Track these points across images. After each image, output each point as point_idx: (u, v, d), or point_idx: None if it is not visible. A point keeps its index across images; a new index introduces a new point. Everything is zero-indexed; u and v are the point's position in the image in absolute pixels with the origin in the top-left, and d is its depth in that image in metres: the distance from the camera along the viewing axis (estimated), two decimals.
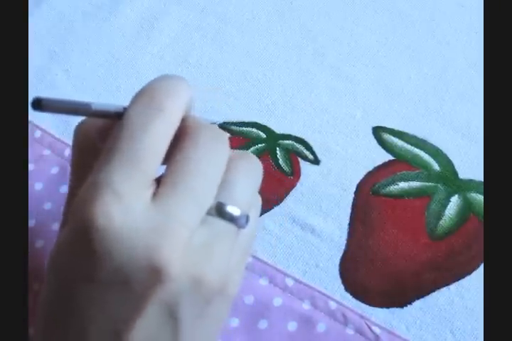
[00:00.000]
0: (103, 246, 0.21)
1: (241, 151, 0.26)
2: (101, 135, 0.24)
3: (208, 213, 0.23)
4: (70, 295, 0.22)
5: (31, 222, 0.35)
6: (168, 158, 0.23)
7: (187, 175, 0.22)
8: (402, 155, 0.37)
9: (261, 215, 0.31)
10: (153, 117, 0.22)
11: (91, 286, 0.21)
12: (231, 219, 0.23)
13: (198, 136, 0.23)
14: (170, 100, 0.23)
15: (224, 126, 0.38)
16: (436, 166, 0.37)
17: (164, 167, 0.23)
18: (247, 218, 0.24)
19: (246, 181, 0.25)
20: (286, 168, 0.37)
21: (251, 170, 0.25)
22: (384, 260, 0.34)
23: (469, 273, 0.34)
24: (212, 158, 0.23)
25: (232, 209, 0.23)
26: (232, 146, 0.25)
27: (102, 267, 0.21)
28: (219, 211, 0.23)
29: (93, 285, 0.21)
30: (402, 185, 0.36)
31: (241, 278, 0.25)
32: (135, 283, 0.21)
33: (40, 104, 0.21)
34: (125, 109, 0.23)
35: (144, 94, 0.23)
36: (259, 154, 0.37)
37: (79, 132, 0.26)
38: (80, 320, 0.22)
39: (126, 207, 0.21)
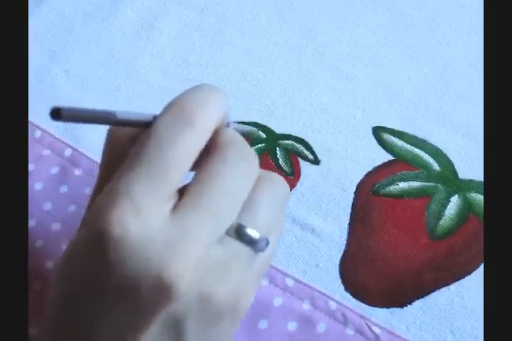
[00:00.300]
0: (116, 256, 0.21)
1: (269, 172, 0.25)
2: (133, 142, 0.24)
3: (227, 233, 0.22)
4: (79, 302, 0.22)
5: (31, 222, 0.35)
6: (195, 169, 0.23)
7: (211, 190, 0.22)
8: (402, 155, 0.37)
9: None
10: (182, 130, 0.22)
11: (101, 294, 0.21)
12: (249, 242, 0.23)
13: (227, 152, 0.23)
14: (201, 113, 0.22)
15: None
16: (436, 166, 0.37)
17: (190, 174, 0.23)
18: (267, 242, 0.24)
19: (270, 203, 0.24)
20: (286, 168, 0.37)
21: (277, 192, 0.25)
22: (384, 260, 0.34)
23: (469, 273, 0.34)
24: (239, 175, 0.23)
25: (252, 232, 0.23)
26: None
27: (113, 276, 0.21)
28: (238, 232, 0.23)
29: (103, 293, 0.21)
30: (402, 185, 0.36)
31: (252, 300, 0.25)
32: (144, 296, 0.21)
33: (59, 114, 0.20)
34: (155, 117, 0.23)
35: (176, 105, 0.22)
36: (259, 154, 0.37)
37: (111, 136, 0.25)
38: (88, 327, 0.22)
39: (143, 218, 0.21)
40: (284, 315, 0.33)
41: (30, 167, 0.37)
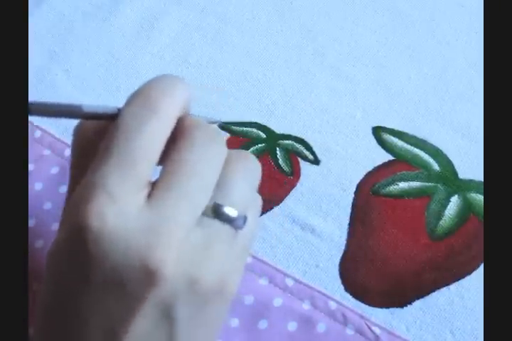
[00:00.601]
0: (97, 248, 0.21)
1: (238, 151, 0.26)
2: (99, 136, 0.24)
3: (205, 214, 0.23)
4: (66, 296, 0.22)
5: (31, 222, 0.35)
6: (164, 158, 0.23)
7: (182, 176, 0.22)
8: (402, 155, 0.37)
9: (261, 215, 0.31)
10: (148, 118, 0.22)
11: (87, 287, 0.21)
12: (228, 220, 0.23)
13: (193, 137, 0.23)
14: (165, 101, 0.23)
15: (224, 126, 0.38)
16: (436, 166, 0.37)
17: (160, 168, 0.23)
18: (245, 219, 0.24)
19: (243, 181, 0.24)
20: (286, 168, 0.37)
21: (248, 170, 0.25)
22: (384, 260, 0.34)
23: (469, 273, 0.34)
24: (208, 158, 0.23)
25: (229, 210, 0.23)
26: (232, 146, 0.25)
27: (97, 268, 0.21)
28: (215, 212, 0.23)
29: (89, 285, 0.21)
30: (402, 185, 0.36)
31: (240, 278, 0.25)
32: (130, 284, 0.21)
33: (29, 108, 0.21)
34: (119, 110, 0.23)
35: (139, 95, 0.23)
36: (259, 154, 0.37)
37: (77, 132, 0.26)
38: (77, 321, 0.22)
39: (120, 208, 0.21)
40: (284, 315, 0.33)
41: (30, 167, 0.37)
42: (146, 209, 0.21)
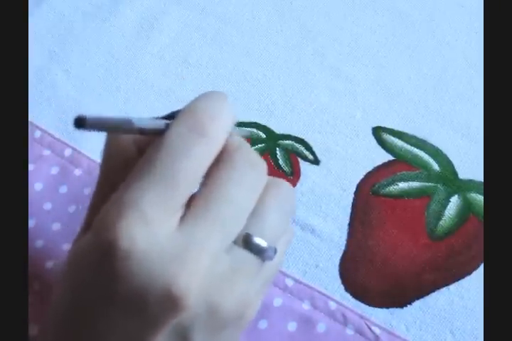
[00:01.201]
0: (124, 268, 0.20)
1: (275, 178, 0.25)
2: (138, 149, 0.24)
3: (235, 242, 0.22)
4: (85, 312, 0.22)
5: (31, 222, 0.35)
6: (203, 179, 0.23)
7: (218, 200, 0.22)
8: (402, 155, 0.37)
9: None
10: (196, 142, 0.22)
11: (109, 306, 0.21)
12: (257, 251, 0.23)
13: (234, 161, 0.23)
14: (214, 124, 0.22)
15: None
16: (436, 166, 0.37)
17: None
18: (275, 250, 0.24)
19: (277, 211, 0.24)
20: (286, 168, 0.37)
21: (284, 199, 0.24)
22: (384, 260, 0.34)
23: (469, 273, 0.34)
24: (247, 184, 0.23)
25: (260, 241, 0.23)
26: None
27: (122, 289, 0.21)
28: (246, 242, 0.23)
29: (111, 304, 0.21)
30: (402, 185, 0.36)
31: (258, 307, 0.25)
32: (152, 308, 0.21)
33: (83, 123, 0.20)
34: (167, 125, 0.22)
35: (188, 115, 0.22)
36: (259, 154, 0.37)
37: (112, 143, 0.25)
38: (94, 338, 0.22)
39: (151, 231, 0.21)
40: (284, 315, 0.33)
41: (30, 167, 0.37)
42: (178, 234, 0.21)
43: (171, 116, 0.23)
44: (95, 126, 0.20)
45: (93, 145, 0.38)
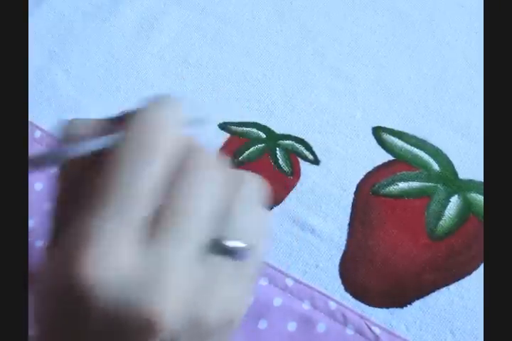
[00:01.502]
0: (93, 302, 0.20)
1: (236, 172, 0.24)
2: (88, 167, 0.23)
3: (206, 249, 0.22)
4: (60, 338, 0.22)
5: (31, 222, 0.35)
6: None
7: (177, 215, 0.21)
8: (402, 155, 0.37)
9: None
10: (146, 161, 0.21)
11: (83, 336, 0.21)
12: (231, 253, 0.22)
13: (186, 167, 0.22)
14: (162, 137, 0.22)
15: (224, 126, 0.38)
16: (436, 166, 0.37)
17: None
18: (250, 247, 0.23)
19: (244, 208, 0.23)
20: (286, 168, 0.37)
21: (248, 194, 0.24)
22: (384, 260, 0.34)
23: (469, 273, 0.34)
24: (204, 190, 0.22)
25: (231, 243, 0.22)
26: (233, 146, 0.25)
27: (93, 321, 0.20)
28: (216, 247, 0.22)
29: (86, 335, 0.21)
30: (402, 185, 0.36)
31: (246, 307, 0.24)
32: (130, 335, 0.20)
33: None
34: (113, 141, 0.22)
35: (136, 130, 0.22)
36: (259, 154, 0.37)
37: (66, 163, 0.24)
38: None
39: (115, 259, 0.20)
40: (283, 315, 0.33)
41: None
42: (143, 258, 0.21)
43: (121, 118, 0.23)
44: (40, 164, 0.21)
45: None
